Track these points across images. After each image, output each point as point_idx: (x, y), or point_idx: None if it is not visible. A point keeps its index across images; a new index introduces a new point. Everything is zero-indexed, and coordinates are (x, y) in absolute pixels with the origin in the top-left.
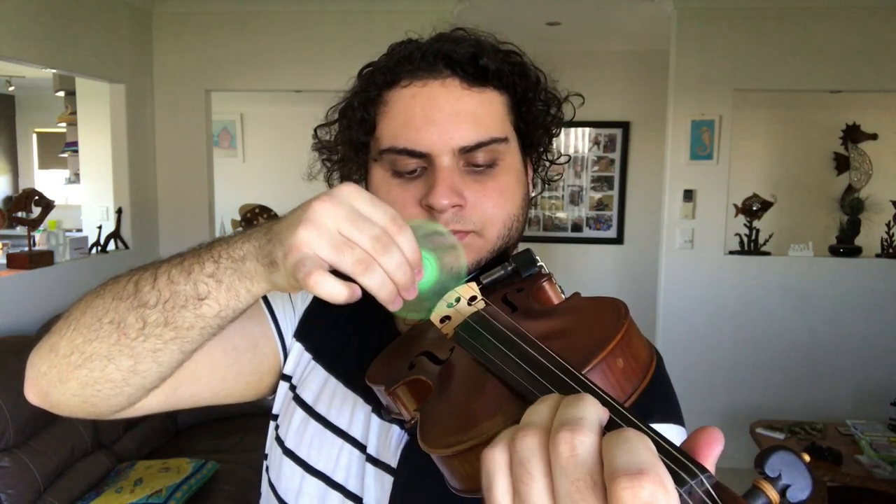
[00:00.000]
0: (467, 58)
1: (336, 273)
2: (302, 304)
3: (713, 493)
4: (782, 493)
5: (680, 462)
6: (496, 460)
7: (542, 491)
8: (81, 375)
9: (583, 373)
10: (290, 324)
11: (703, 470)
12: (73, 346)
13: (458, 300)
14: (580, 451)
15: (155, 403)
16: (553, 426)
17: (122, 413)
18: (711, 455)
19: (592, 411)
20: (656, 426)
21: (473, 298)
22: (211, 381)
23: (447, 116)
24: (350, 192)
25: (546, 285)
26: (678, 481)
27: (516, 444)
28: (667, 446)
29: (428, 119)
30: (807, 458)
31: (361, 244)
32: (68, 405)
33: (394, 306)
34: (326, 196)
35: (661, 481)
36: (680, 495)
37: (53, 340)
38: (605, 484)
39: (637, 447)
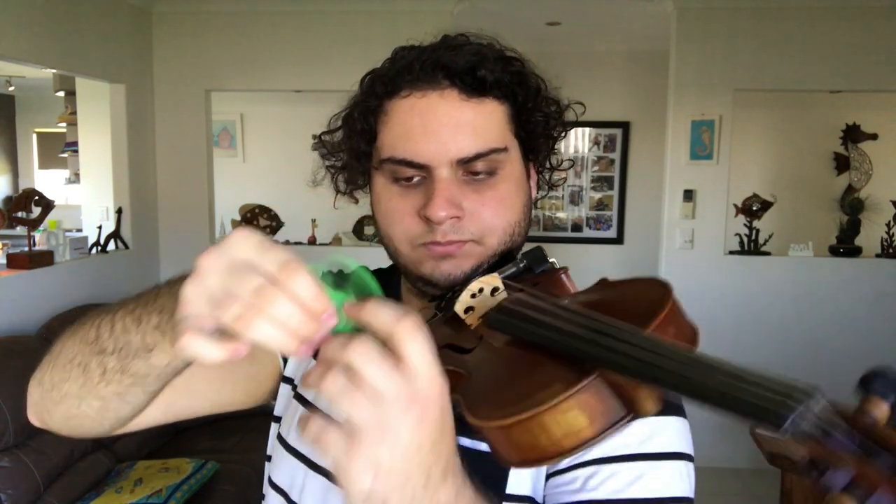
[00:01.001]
0: (466, 68)
1: None
2: None
3: (835, 409)
4: (892, 409)
5: (796, 388)
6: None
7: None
8: (62, 410)
9: (645, 332)
10: None
11: (818, 390)
12: (52, 383)
13: (481, 290)
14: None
15: (152, 419)
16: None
17: (119, 431)
18: None
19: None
20: (658, 419)
21: (496, 289)
22: (207, 393)
23: (445, 128)
24: (238, 240)
25: (564, 277)
26: (800, 403)
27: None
28: (774, 378)
29: (426, 130)
30: None
31: (242, 296)
32: (61, 430)
33: (301, 355)
34: (214, 247)
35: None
36: (806, 417)
37: (40, 374)
38: None
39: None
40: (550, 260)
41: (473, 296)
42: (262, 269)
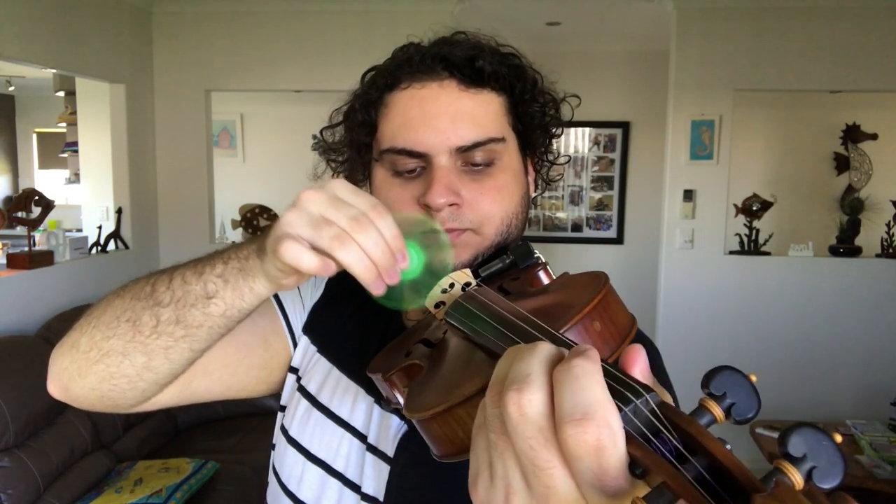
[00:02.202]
0: (465, 60)
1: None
2: (311, 299)
3: (658, 410)
4: (727, 411)
5: (626, 383)
6: (477, 428)
7: (508, 453)
8: (99, 370)
9: (560, 332)
10: (299, 318)
11: (649, 390)
12: (93, 342)
13: (452, 286)
14: (528, 410)
15: (170, 397)
16: (504, 386)
17: (137, 408)
18: (637, 367)
19: (539, 361)
20: None
21: (468, 284)
22: (223, 375)
23: (445, 117)
24: (336, 183)
25: (541, 273)
26: (623, 401)
27: (488, 402)
28: (612, 369)
29: (426, 120)
30: (753, 378)
31: (339, 223)
32: (87, 398)
33: (375, 288)
34: (314, 187)
35: (606, 422)
36: (625, 414)
37: (75, 337)
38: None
39: (583, 384)
40: (536, 255)
41: (444, 291)
42: (357, 206)
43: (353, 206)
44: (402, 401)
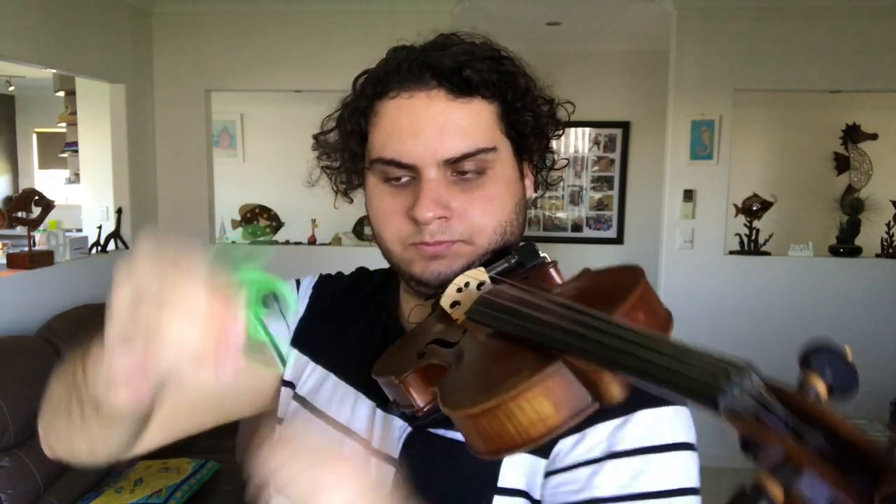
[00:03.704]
0: (453, 69)
1: None
2: (294, 316)
3: (767, 386)
4: (830, 386)
5: (727, 361)
6: None
7: None
8: (62, 445)
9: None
10: (283, 337)
11: (752, 367)
12: (49, 422)
13: (467, 285)
14: None
15: (158, 440)
16: None
17: (125, 456)
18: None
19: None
20: (654, 410)
21: (482, 284)
22: (208, 409)
23: (432, 129)
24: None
25: (552, 271)
26: (727, 379)
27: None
28: (708, 352)
29: (413, 131)
30: (850, 352)
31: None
32: (71, 463)
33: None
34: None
35: None
36: (737, 391)
37: (42, 412)
38: None
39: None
40: (542, 255)
41: (460, 290)
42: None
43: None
44: (418, 403)
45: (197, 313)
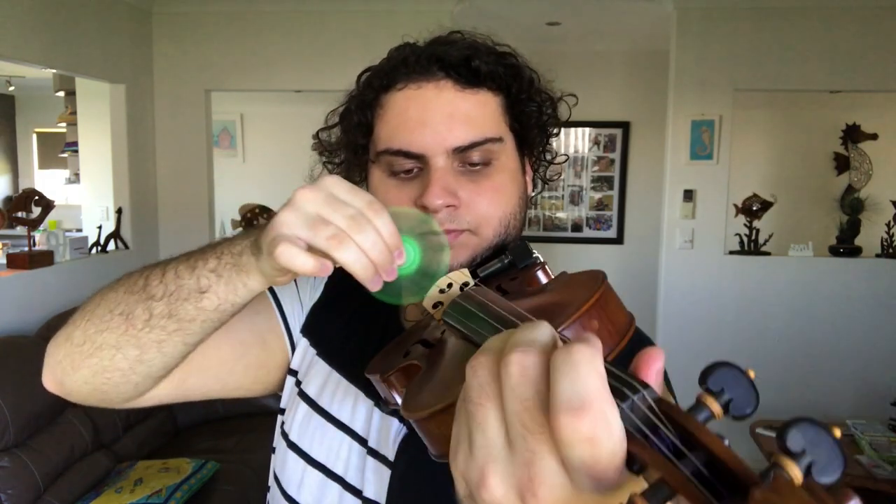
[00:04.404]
0: (460, 60)
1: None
2: (309, 300)
3: (655, 406)
4: (725, 407)
5: (623, 379)
6: (458, 406)
7: (494, 412)
8: (92, 364)
9: (558, 331)
10: (297, 319)
11: (646, 386)
12: (86, 335)
13: (450, 286)
14: (530, 372)
15: (164, 394)
16: (505, 348)
17: (131, 403)
18: (652, 370)
19: (545, 334)
20: None
21: (466, 284)
22: (219, 372)
23: (441, 118)
24: (331, 181)
25: (539, 272)
26: (620, 396)
27: (472, 370)
28: (610, 366)
29: (422, 121)
30: (752, 373)
31: (336, 222)
32: (80, 392)
33: (372, 285)
34: (309, 184)
35: (604, 416)
36: (622, 410)
37: (69, 330)
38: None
39: (582, 372)
40: (534, 255)
41: (442, 291)
42: (353, 204)
43: (349, 204)
44: (400, 402)
45: (385, 231)
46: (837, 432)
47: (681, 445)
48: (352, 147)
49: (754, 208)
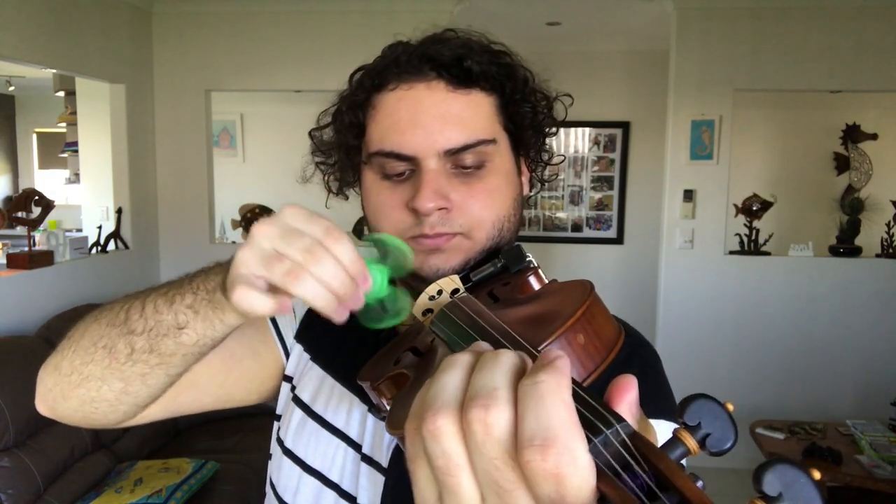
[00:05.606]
0: (452, 59)
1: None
2: (302, 307)
3: (629, 442)
4: (702, 442)
5: (597, 412)
6: (415, 449)
7: (466, 476)
8: (80, 394)
9: (539, 349)
10: (290, 327)
11: (620, 419)
12: (73, 366)
13: (440, 293)
14: (495, 431)
15: (157, 412)
16: (466, 399)
17: (124, 424)
18: (624, 401)
19: (504, 374)
20: (650, 422)
21: (456, 291)
22: (210, 387)
23: (432, 119)
24: (289, 211)
25: (532, 278)
26: (593, 431)
27: (428, 428)
28: (584, 395)
29: (413, 122)
30: (730, 407)
31: (291, 256)
32: (73, 418)
33: (337, 316)
34: (265, 218)
35: (569, 450)
36: (595, 445)
37: (57, 360)
38: None
39: (548, 406)
40: (528, 259)
41: (432, 298)
42: (310, 233)
43: (306, 234)
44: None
45: (346, 259)
46: (817, 475)
47: (653, 486)
48: (344, 148)
49: (754, 208)
